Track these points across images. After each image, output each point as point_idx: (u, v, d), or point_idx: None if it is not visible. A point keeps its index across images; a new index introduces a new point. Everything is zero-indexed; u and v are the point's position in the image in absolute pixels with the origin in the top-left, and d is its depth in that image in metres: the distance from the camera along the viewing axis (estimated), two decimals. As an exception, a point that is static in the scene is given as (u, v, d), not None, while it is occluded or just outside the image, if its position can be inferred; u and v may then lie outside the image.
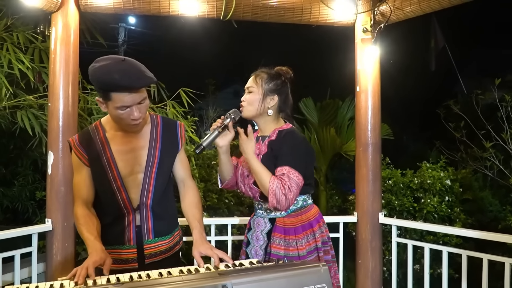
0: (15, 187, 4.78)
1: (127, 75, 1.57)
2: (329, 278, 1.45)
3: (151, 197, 1.80)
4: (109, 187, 1.76)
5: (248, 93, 1.99)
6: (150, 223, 1.81)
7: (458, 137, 5.21)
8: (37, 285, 1.35)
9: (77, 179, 1.79)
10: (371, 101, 3.08)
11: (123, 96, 1.59)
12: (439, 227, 3.18)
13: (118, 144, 1.78)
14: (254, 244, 2.01)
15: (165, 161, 1.84)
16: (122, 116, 1.64)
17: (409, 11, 2.89)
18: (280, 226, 1.94)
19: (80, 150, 1.77)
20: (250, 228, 2.08)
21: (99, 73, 1.59)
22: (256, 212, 2.05)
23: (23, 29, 3.31)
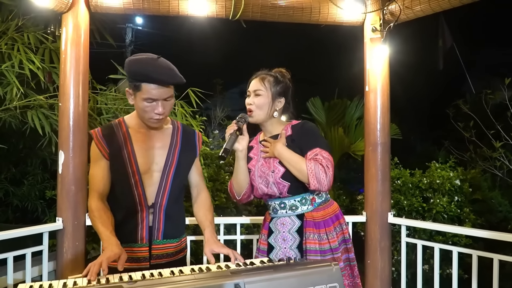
0: (25, 186, 4.83)
1: (159, 70, 1.68)
2: (341, 277, 1.45)
3: (166, 197, 1.84)
4: (127, 181, 1.79)
5: (256, 96, 1.96)
6: (161, 224, 1.84)
7: (468, 137, 5.17)
8: (50, 283, 1.37)
9: (95, 171, 1.82)
10: (380, 101, 3.07)
11: (151, 88, 1.68)
12: (449, 227, 3.16)
13: (139, 141, 1.83)
14: (281, 247, 1.94)
15: (182, 163, 1.89)
16: (147, 109, 1.72)
17: (418, 10, 2.88)
18: (310, 220, 1.92)
19: (102, 142, 1.81)
20: (270, 232, 1.99)
21: (134, 64, 1.70)
22: (277, 213, 1.97)
23: (33, 30, 3.34)
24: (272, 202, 1.99)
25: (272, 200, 1.99)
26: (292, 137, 1.95)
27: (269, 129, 2.03)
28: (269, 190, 1.95)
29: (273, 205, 1.99)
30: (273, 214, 2.00)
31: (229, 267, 1.53)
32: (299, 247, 1.91)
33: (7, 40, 3.18)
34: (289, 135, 1.96)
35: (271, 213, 2.01)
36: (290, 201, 1.95)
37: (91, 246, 3.58)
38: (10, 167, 4.86)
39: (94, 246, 3.60)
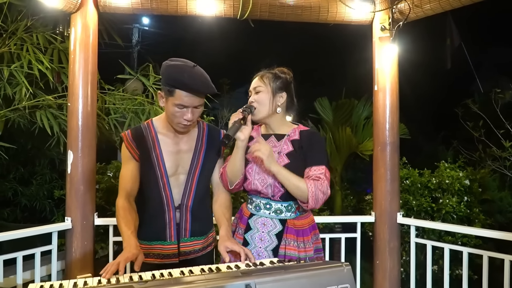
0: (33, 186, 4.86)
1: (196, 78, 1.72)
2: (353, 278, 1.43)
3: (192, 198, 1.91)
4: (156, 183, 1.87)
5: (256, 93, 1.96)
6: (188, 223, 1.92)
7: (477, 137, 5.13)
8: (61, 283, 1.37)
9: (124, 172, 1.88)
10: (389, 100, 3.05)
11: (184, 95, 1.73)
12: (459, 228, 3.13)
13: (167, 145, 1.90)
14: (256, 245, 1.93)
15: (207, 165, 1.95)
16: (177, 114, 1.77)
17: (428, 9, 2.85)
18: (291, 227, 1.92)
19: (133, 145, 1.88)
20: (248, 228, 1.97)
21: (171, 70, 1.74)
22: (259, 212, 1.95)
23: (42, 30, 3.35)
24: (258, 199, 1.97)
25: (258, 198, 1.97)
26: (301, 143, 1.94)
27: (273, 127, 2.01)
28: (263, 189, 1.92)
29: (258, 203, 1.97)
30: (254, 211, 1.98)
31: (239, 268, 1.52)
32: (274, 250, 1.91)
33: (16, 41, 3.20)
34: (297, 139, 1.96)
35: (252, 209, 1.98)
36: (277, 204, 1.93)
37: (99, 246, 3.60)
38: (18, 167, 4.89)
39: (103, 245, 3.61)
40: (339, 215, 5.23)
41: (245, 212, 2.03)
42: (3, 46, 3.16)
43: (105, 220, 2.95)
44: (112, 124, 3.68)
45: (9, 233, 2.52)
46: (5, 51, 3.19)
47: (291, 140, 1.96)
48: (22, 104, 3.24)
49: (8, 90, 3.23)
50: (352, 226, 3.20)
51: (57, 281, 1.38)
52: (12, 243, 2.56)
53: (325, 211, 5.03)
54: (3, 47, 3.16)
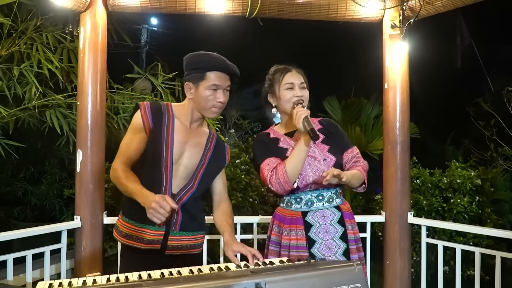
0: (43, 185, 4.89)
1: (222, 59, 1.83)
2: (364, 277, 1.41)
3: (189, 194, 1.87)
4: (159, 167, 1.82)
5: (302, 88, 1.99)
6: (179, 216, 1.87)
7: (488, 136, 5.06)
8: (70, 281, 1.36)
9: (128, 140, 1.85)
10: (399, 98, 3.01)
11: (218, 76, 1.80)
12: (470, 228, 3.09)
13: (179, 131, 1.87)
14: (323, 239, 1.91)
15: (211, 167, 1.94)
16: (210, 97, 1.80)
17: (439, 6, 2.81)
18: (345, 212, 1.99)
19: (149, 116, 1.84)
20: (308, 227, 1.93)
21: (196, 56, 1.84)
22: (312, 206, 1.94)
23: (52, 29, 3.36)
24: (308, 194, 1.96)
25: (308, 193, 1.96)
26: (328, 129, 2.04)
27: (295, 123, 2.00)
28: (316, 177, 1.92)
29: (308, 198, 1.96)
30: (306, 208, 1.95)
31: (248, 266, 1.51)
32: (342, 237, 1.93)
33: (26, 40, 3.21)
34: (321, 128, 2.03)
35: (303, 206, 1.96)
36: (327, 193, 1.97)
37: (108, 245, 3.60)
38: (28, 166, 4.93)
39: (112, 244, 3.61)
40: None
41: (292, 213, 1.97)
42: (13, 45, 3.18)
43: (114, 219, 2.93)
44: (121, 123, 3.68)
45: (19, 231, 2.53)
46: (15, 51, 3.21)
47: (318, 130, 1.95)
48: (32, 104, 3.26)
49: (18, 89, 3.25)
50: (361, 226, 3.16)
51: (66, 279, 1.37)
52: (22, 241, 2.57)
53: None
54: (13, 47, 3.18)
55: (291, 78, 1.98)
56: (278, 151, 1.97)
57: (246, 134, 6.93)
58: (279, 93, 1.98)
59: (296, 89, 1.96)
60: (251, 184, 4.21)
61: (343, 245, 1.92)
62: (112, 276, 1.41)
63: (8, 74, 3.24)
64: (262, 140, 2.06)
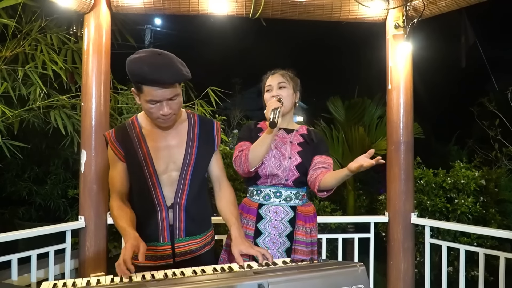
0: (47, 186, 4.91)
1: (158, 69, 1.54)
2: (367, 278, 1.41)
3: (185, 197, 1.80)
4: (145, 183, 1.76)
5: (280, 88, 2.10)
6: (182, 223, 1.81)
7: (493, 136, 5.04)
8: (74, 281, 1.37)
9: (112, 173, 1.81)
10: (403, 99, 3.01)
11: (153, 90, 1.57)
12: (474, 228, 3.07)
13: (154, 140, 1.77)
14: (270, 233, 2.04)
15: (200, 160, 1.83)
16: (152, 110, 1.63)
17: (443, 6, 2.80)
18: (301, 213, 2.07)
19: (116, 145, 1.78)
20: (260, 218, 2.05)
21: (131, 64, 1.58)
22: (269, 201, 2.06)
23: (56, 31, 3.39)
24: (267, 189, 2.08)
25: (267, 187, 2.07)
26: (310, 137, 2.14)
27: (285, 122, 2.14)
28: (279, 172, 2.03)
29: (267, 192, 2.07)
30: (263, 201, 2.08)
31: (251, 267, 1.51)
32: (289, 236, 2.04)
33: (30, 41, 3.23)
34: (306, 134, 2.15)
35: (261, 199, 2.08)
36: (287, 191, 2.06)
37: (112, 245, 3.62)
38: (33, 166, 4.95)
39: (116, 244, 3.63)
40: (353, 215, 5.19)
41: (251, 204, 2.11)
42: (17, 46, 3.20)
43: (118, 219, 2.97)
44: (125, 124, 3.69)
45: (23, 231, 2.54)
46: (19, 52, 3.23)
47: (301, 134, 2.14)
48: (36, 104, 3.28)
49: (23, 90, 3.27)
50: (365, 227, 3.17)
51: (70, 279, 1.38)
52: (26, 241, 2.59)
53: (338, 211, 4.99)
54: (18, 48, 3.20)
55: (270, 81, 2.14)
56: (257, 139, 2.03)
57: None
58: (263, 96, 2.16)
59: (273, 90, 2.10)
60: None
61: (288, 243, 2.03)
62: (116, 277, 1.42)
63: (13, 75, 3.26)
64: (248, 126, 2.21)
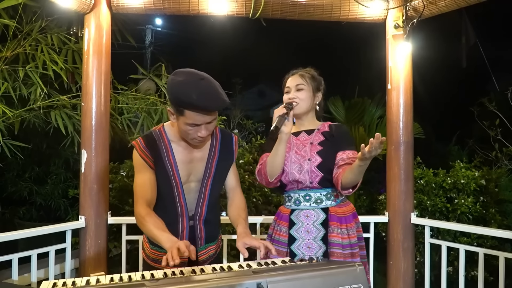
0: (48, 185, 4.93)
1: (205, 96, 1.59)
2: (365, 278, 1.41)
3: (205, 207, 1.88)
4: (171, 193, 1.82)
5: (298, 90, 2.04)
6: (202, 232, 1.89)
7: (493, 136, 5.04)
8: (73, 280, 1.37)
9: (141, 180, 1.80)
10: (403, 99, 3.01)
11: (195, 115, 1.62)
12: (474, 228, 3.08)
13: (181, 153, 1.83)
14: (304, 238, 1.98)
15: (219, 173, 1.90)
16: (190, 132, 1.69)
17: (442, 6, 2.80)
18: (334, 215, 1.99)
19: (146, 152, 1.80)
20: (292, 224, 2.02)
21: (177, 89, 1.61)
22: (300, 205, 2.02)
23: (57, 31, 3.38)
24: (296, 193, 2.04)
25: (296, 192, 2.04)
26: (331, 133, 2.07)
27: (305, 123, 2.12)
28: (300, 177, 1.99)
29: (297, 197, 2.04)
30: (294, 206, 2.04)
31: (251, 266, 1.51)
32: (323, 239, 1.97)
33: (31, 41, 3.24)
34: (327, 131, 2.09)
35: (292, 205, 2.05)
36: (316, 194, 2.01)
37: (112, 245, 3.62)
38: (34, 166, 4.97)
39: (116, 244, 3.64)
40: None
41: (284, 210, 2.09)
42: (18, 47, 3.20)
43: (118, 219, 2.98)
44: (125, 123, 3.71)
45: (23, 231, 2.55)
46: (20, 52, 3.23)
47: (321, 132, 2.08)
48: (37, 104, 3.28)
49: (23, 90, 3.28)
50: (365, 227, 3.16)
51: (70, 279, 1.39)
52: (27, 241, 2.59)
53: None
54: (19, 48, 3.20)
55: (289, 82, 2.10)
56: None
57: (250, 135, 6.93)
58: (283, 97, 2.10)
59: (291, 92, 2.05)
60: (254, 184, 4.22)
61: (324, 247, 1.97)
62: (115, 276, 1.43)
63: (13, 75, 3.27)
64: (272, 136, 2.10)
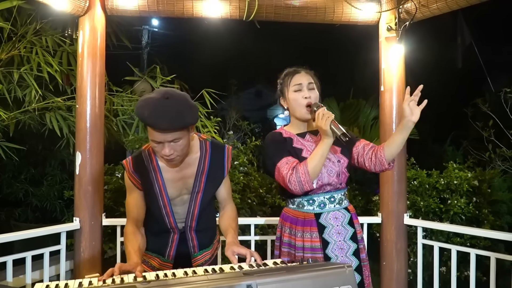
0: (44, 187, 4.93)
1: (157, 115, 1.58)
2: (354, 279, 1.43)
3: (195, 219, 1.92)
4: (159, 212, 1.88)
5: (310, 90, 1.97)
6: (195, 240, 1.94)
7: (486, 137, 5.07)
8: (66, 283, 1.39)
9: (129, 200, 1.89)
10: (396, 100, 3.03)
11: (154, 132, 1.63)
12: (467, 229, 3.11)
13: (169, 172, 1.85)
14: (336, 240, 1.95)
15: (209, 186, 1.91)
16: (156, 149, 1.71)
17: (435, 8, 2.83)
18: (353, 213, 2.03)
19: (134, 175, 1.85)
20: (321, 228, 1.95)
21: (138, 105, 1.65)
22: (325, 208, 1.96)
23: (51, 33, 3.40)
24: (320, 197, 1.97)
25: (321, 195, 1.97)
26: None
27: (306, 124, 2.05)
28: (334, 179, 1.95)
29: (321, 200, 1.97)
30: (319, 210, 1.97)
31: (242, 268, 1.53)
32: (352, 237, 1.98)
33: (26, 44, 3.25)
34: None
35: (316, 208, 1.97)
36: (338, 194, 1.99)
37: (107, 246, 3.63)
38: (29, 168, 4.96)
39: (111, 246, 3.64)
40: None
41: (308, 215, 1.98)
42: (13, 49, 3.21)
43: (113, 221, 2.99)
44: (120, 125, 3.72)
45: (18, 233, 2.56)
46: (15, 54, 3.24)
47: None
48: (32, 106, 3.29)
49: (18, 92, 3.29)
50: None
51: (63, 281, 1.40)
52: (22, 242, 2.61)
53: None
54: (13, 50, 3.21)
55: (299, 79, 1.99)
56: (293, 151, 1.96)
57: (245, 136, 6.93)
58: (289, 95, 2.00)
59: (304, 90, 1.96)
60: (249, 186, 4.23)
61: (354, 245, 1.97)
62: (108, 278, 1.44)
63: (8, 77, 3.27)
64: (276, 139, 2.02)
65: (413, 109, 1.83)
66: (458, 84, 9.50)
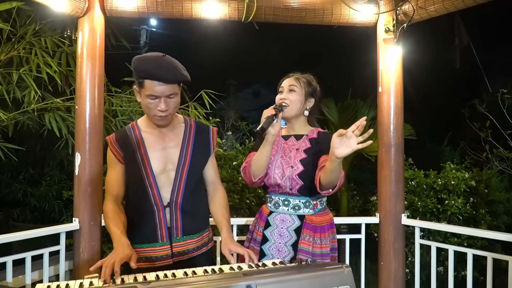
0: (43, 187, 4.93)
1: (162, 67, 1.71)
2: (353, 279, 1.45)
3: (181, 195, 1.87)
4: (142, 183, 1.84)
5: (290, 91, 2.05)
6: (179, 222, 1.88)
7: (483, 137, 5.10)
8: (67, 283, 1.40)
9: (110, 176, 1.88)
10: (393, 102, 3.05)
11: (154, 85, 1.71)
12: (464, 229, 3.13)
13: (153, 142, 1.88)
14: (276, 241, 2.03)
15: (196, 161, 1.92)
16: (150, 105, 1.76)
17: (432, 10, 2.85)
18: (309, 223, 2.02)
19: (116, 147, 1.87)
20: (267, 225, 2.07)
21: (138, 61, 1.75)
22: (278, 209, 2.06)
23: (50, 34, 3.40)
24: (276, 196, 2.07)
25: (277, 195, 2.07)
26: (318, 140, 2.06)
27: (295, 127, 2.12)
28: (282, 182, 2.02)
29: (276, 200, 2.07)
30: (273, 209, 2.08)
31: (241, 268, 1.55)
32: (293, 245, 2.01)
33: (25, 45, 3.25)
34: (315, 137, 2.08)
35: (272, 207, 2.09)
36: (295, 200, 2.04)
37: (107, 246, 3.63)
38: (28, 168, 4.96)
39: (110, 246, 3.64)
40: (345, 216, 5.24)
41: (265, 210, 2.13)
42: (12, 50, 3.22)
43: (112, 221, 2.99)
44: (119, 126, 3.73)
45: (17, 234, 2.56)
46: (14, 55, 3.25)
47: (309, 139, 2.08)
48: (31, 107, 3.30)
49: (17, 93, 3.30)
50: (357, 227, 3.21)
51: (63, 282, 1.41)
52: (21, 243, 2.61)
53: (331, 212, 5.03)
54: (12, 51, 3.22)
55: (284, 83, 2.10)
56: None
57: (243, 136, 6.95)
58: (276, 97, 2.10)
59: (284, 93, 2.07)
60: (248, 186, 4.25)
61: (292, 252, 2.01)
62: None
63: (7, 78, 3.28)
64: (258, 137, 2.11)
65: (344, 143, 1.64)
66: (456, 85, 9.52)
